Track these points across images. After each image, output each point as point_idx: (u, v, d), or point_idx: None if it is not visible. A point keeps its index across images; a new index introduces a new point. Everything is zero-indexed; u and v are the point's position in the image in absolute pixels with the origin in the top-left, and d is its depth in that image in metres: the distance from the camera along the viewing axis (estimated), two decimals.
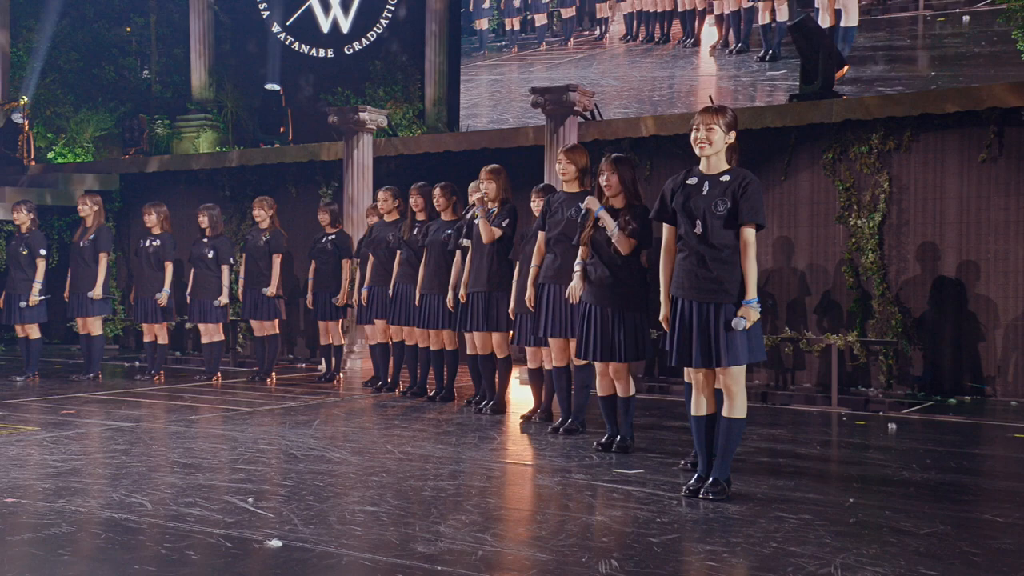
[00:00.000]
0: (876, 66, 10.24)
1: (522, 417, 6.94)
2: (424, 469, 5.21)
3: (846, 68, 9.74)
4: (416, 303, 7.82)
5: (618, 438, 5.82)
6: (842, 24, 10.31)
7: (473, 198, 7.26)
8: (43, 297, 8.95)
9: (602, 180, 5.70)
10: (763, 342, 4.75)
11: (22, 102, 12.91)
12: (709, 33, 11.29)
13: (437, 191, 7.74)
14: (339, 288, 8.97)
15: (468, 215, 7.34)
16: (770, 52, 10.83)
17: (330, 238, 9.04)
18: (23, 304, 8.87)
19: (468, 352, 7.36)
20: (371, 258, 8.43)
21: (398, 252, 8.06)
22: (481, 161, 10.18)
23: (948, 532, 4.05)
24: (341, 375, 9.35)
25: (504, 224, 6.99)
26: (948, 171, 8.70)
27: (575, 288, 5.83)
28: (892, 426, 6.90)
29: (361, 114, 10.35)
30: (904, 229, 8.83)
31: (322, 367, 9.44)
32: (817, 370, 8.92)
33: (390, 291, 8.12)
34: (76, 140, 13.80)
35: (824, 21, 10.21)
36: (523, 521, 4.20)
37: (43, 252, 8.92)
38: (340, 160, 10.86)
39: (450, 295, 7.37)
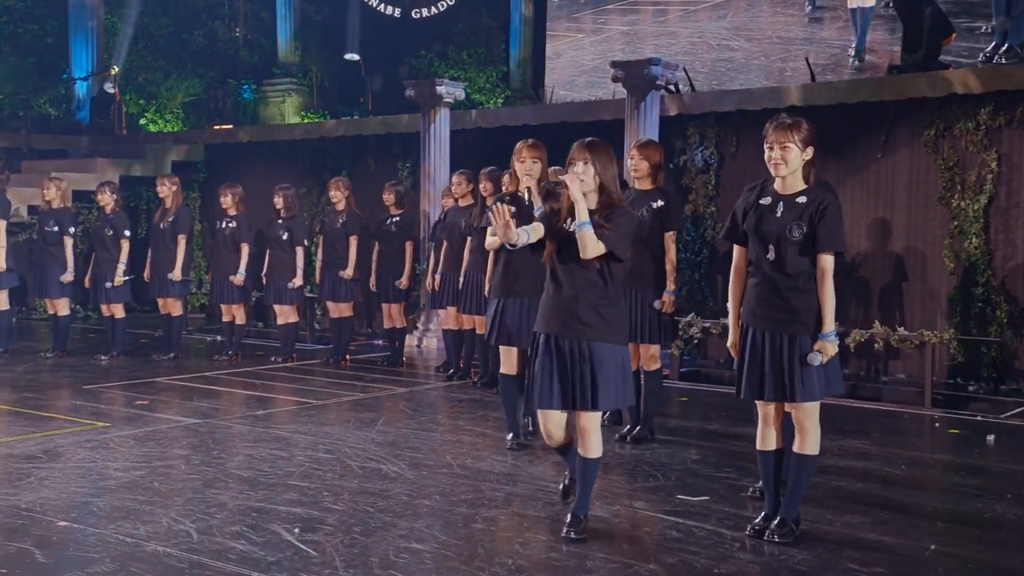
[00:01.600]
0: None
1: None
2: (479, 491, 5.05)
3: (953, 35, 9.02)
4: (486, 293, 7.62)
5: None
6: None
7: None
8: (127, 278, 9.08)
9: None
10: (840, 374, 4.41)
11: (113, 71, 13.06)
12: None
13: (505, 177, 7.46)
14: (403, 271, 8.83)
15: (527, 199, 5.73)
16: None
17: (395, 220, 8.86)
18: (108, 285, 9.01)
19: None
20: (444, 243, 8.25)
21: (468, 239, 7.86)
22: (562, 134, 9.90)
23: None
24: (404, 359, 9.23)
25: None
26: None
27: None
28: (990, 438, 6.44)
29: (438, 87, 10.11)
30: (1013, 212, 8.19)
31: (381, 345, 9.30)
32: (913, 359, 8.38)
33: (460, 278, 7.94)
34: (167, 107, 13.94)
35: None
36: (570, 571, 4.01)
37: (127, 233, 9.04)
38: (418, 132, 10.67)
39: None
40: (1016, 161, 8.19)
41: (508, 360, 5.86)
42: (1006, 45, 8.40)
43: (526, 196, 5.67)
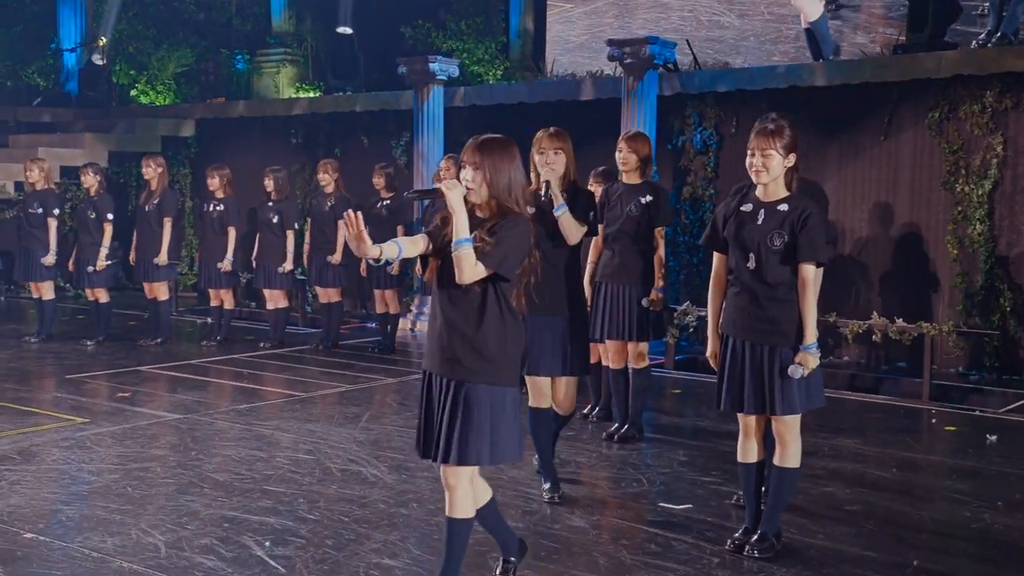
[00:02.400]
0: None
1: (580, 415, 6.59)
2: None
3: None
4: None
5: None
6: None
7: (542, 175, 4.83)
8: (110, 262, 8.94)
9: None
10: (822, 387, 4.29)
11: (101, 43, 12.82)
12: None
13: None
14: None
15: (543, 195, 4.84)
16: None
17: (385, 203, 8.68)
18: (90, 269, 8.89)
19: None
20: None
21: None
22: (558, 112, 9.71)
23: None
24: (395, 345, 9.10)
25: (591, 217, 4.94)
26: None
27: None
28: (991, 439, 6.29)
29: (431, 64, 9.91)
30: (1018, 198, 7.99)
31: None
32: (914, 347, 8.20)
33: None
34: (158, 77, 13.70)
35: None
36: None
37: (110, 217, 8.88)
38: (412, 110, 10.47)
39: None
40: (1022, 145, 7.98)
41: (535, 390, 4.86)
42: (999, 32, 8.14)
43: (543, 191, 4.74)
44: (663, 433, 6.35)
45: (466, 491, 3.57)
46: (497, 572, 3.94)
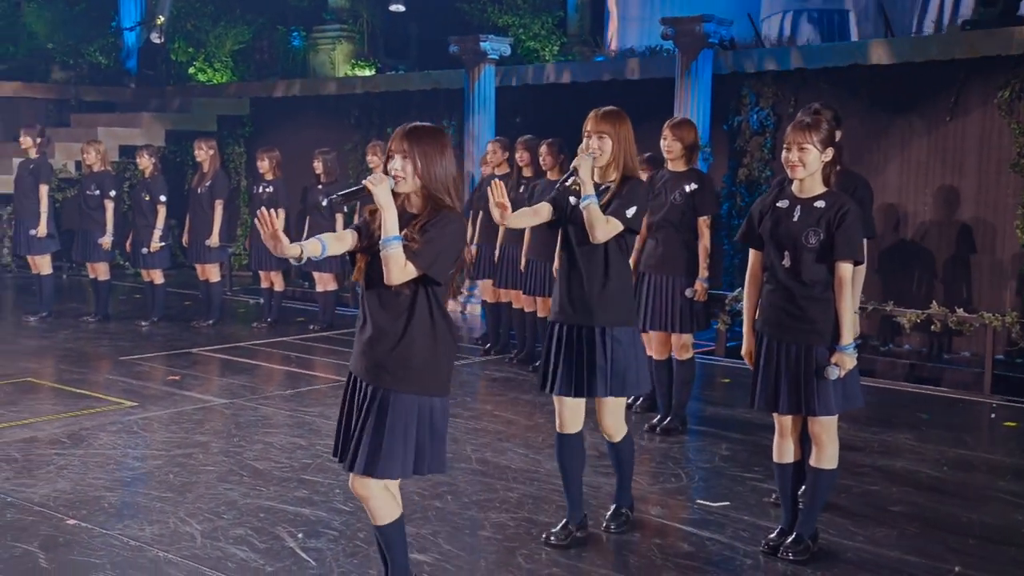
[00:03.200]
0: None
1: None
2: (492, 491, 4.94)
3: None
4: (521, 268, 7.43)
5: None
6: None
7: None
8: (163, 243, 9.08)
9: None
10: (859, 388, 4.17)
11: (159, 21, 12.97)
12: None
13: (544, 148, 7.21)
14: None
15: (569, 182, 4.22)
16: None
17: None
18: (145, 250, 9.03)
19: None
20: (480, 213, 8.06)
21: None
22: (611, 91, 9.56)
23: None
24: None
25: (630, 214, 4.13)
26: None
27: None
28: None
29: (482, 43, 9.82)
30: None
31: None
32: (977, 336, 7.88)
33: (496, 251, 7.75)
34: (215, 55, 13.81)
35: None
36: None
37: (163, 199, 9.00)
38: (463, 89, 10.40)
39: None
40: None
41: (558, 412, 4.30)
42: None
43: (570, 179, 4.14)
44: (707, 425, 6.26)
45: (380, 497, 3.35)
46: None
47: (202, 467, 5.24)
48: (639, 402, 6.48)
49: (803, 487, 4.26)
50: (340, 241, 3.27)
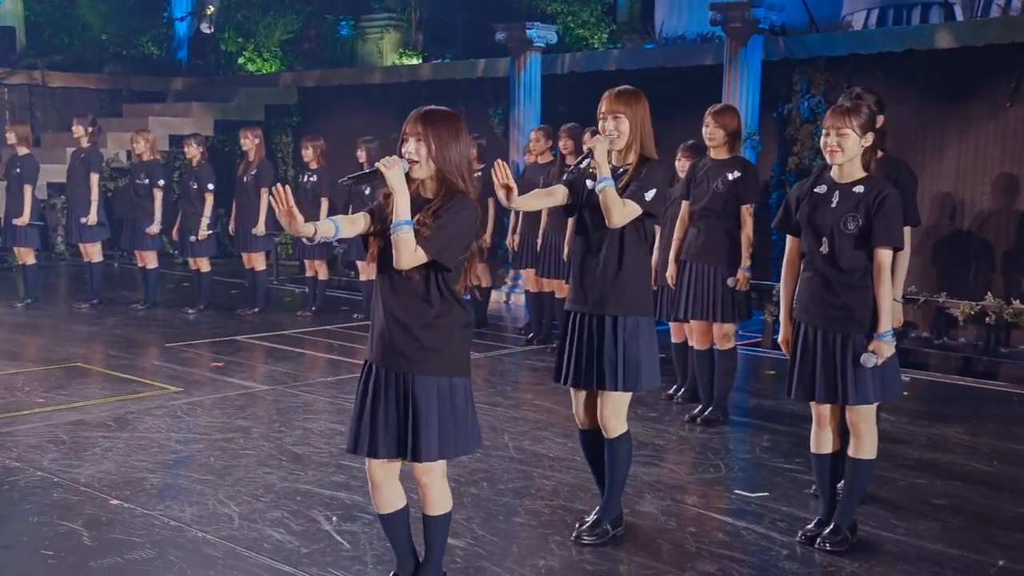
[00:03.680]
0: None
1: (665, 395, 6.47)
2: (528, 478, 4.93)
3: None
4: (564, 257, 7.40)
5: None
6: None
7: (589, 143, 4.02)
8: (211, 232, 9.20)
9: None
10: (898, 377, 4.08)
11: (209, 11, 13.13)
12: None
13: (587, 135, 7.16)
14: (485, 228, 8.59)
15: (584, 165, 4.12)
16: None
17: (476, 175, 8.61)
18: (192, 239, 9.16)
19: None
20: None
21: None
22: (660, 79, 9.46)
23: None
24: (487, 318, 9.07)
25: (649, 197, 3.95)
26: None
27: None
28: None
29: (528, 31, 9.80)
30: None
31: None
32: None
33: (539, 240, 7.73)
34: (264, 45, 13.95)
35: None
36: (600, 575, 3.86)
37: (211, 187, 9.12)
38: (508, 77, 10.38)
39: None
40: None
41: (576, 406, 4.20)
42: None
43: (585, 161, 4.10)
44: (749, 416, 6.19)
45: (442, 484, 3.41)
46: None
47: (243, 451, 5.31)
48: (681, 392, 6.43)
49: (842, 480, 4.20)
50: (353, 224, 3.25)
